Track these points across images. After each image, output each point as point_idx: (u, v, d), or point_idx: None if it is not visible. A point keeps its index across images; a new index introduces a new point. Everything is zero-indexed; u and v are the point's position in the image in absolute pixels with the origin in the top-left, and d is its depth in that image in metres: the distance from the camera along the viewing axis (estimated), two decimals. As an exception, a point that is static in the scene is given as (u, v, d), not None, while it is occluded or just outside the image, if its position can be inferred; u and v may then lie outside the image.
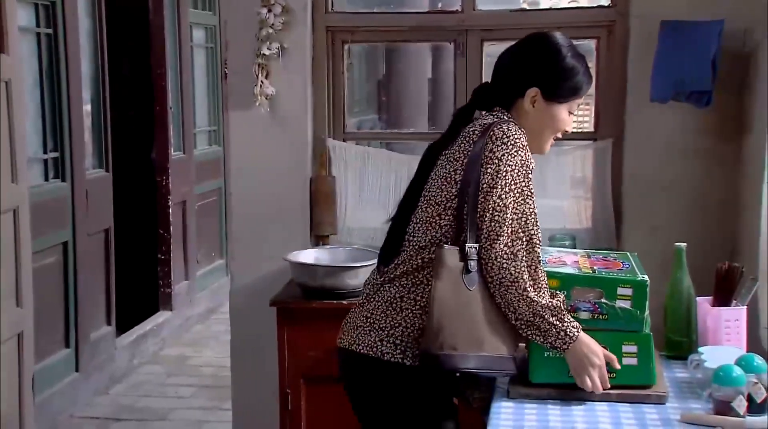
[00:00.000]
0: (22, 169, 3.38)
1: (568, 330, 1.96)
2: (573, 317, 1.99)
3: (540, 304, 1.95)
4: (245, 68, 3.24)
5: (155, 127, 5.48)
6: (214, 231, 6.34)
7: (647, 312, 2.02)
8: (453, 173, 2.04)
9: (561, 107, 2.13)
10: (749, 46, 2.98)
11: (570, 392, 1.99)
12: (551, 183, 3.38)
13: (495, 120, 2.07)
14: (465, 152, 2.03)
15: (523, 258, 1.97)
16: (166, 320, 5.48)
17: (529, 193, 2.01)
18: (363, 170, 3.42)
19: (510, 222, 1.97)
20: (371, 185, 3.44)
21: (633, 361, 1.99)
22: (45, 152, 4.19)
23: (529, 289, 1.96)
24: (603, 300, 1.99)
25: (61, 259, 4.29)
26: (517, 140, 2.01)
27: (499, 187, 1.97)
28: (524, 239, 1.98)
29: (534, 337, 1.99)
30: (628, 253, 2.20)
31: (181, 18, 5.64)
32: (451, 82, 3.45)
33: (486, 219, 1.96)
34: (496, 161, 1.98)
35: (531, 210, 2.00)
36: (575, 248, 3.16)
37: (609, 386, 1.98)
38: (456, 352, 1.94)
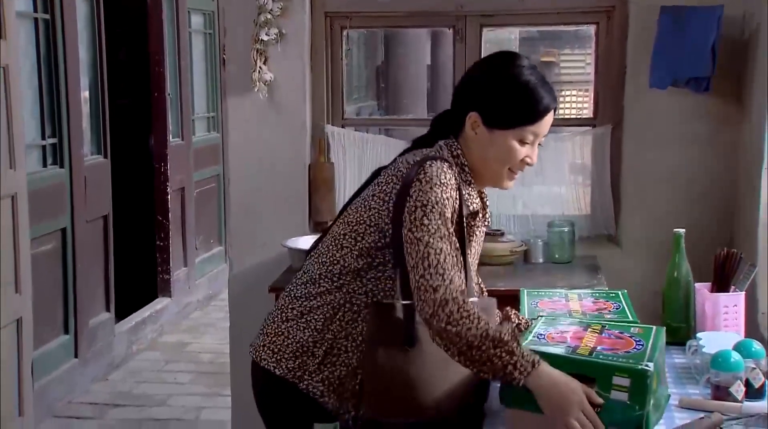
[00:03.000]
0: (20, 155, 3.37)
1: (520, 362, 1.67)
2: None
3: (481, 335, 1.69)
4: (243, 54, 3.23)
5: (153, 114, 5.47)
6: (213, 218, 6.34)
7: (648, 408, 1.63)
8: (373, 201, 1.88)
9: (507, 135, 1.86)
10: (748, 32, 2.97)
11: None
12: (549, 169, 3.38)
13: (424, 156, 1.86)
14: (390, 187, 1.86)
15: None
16: (165, 307, 5.48)
17: (447, 233, 1.76)
18: (361, 156, 3.42)
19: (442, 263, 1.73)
20: (369, 171, 3.42)
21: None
22: (43, 138, 4.18)
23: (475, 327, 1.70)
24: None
25: (60, 245, 4.29)
26: (434, 177, 1.79)
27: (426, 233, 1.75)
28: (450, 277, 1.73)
29: (485, 373, 1.71)
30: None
31: (179, 3, 5.62)
32: (450, 68, 3.44)
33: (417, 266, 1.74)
34: (418, 204, 1.77)
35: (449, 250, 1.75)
36: (574, 234, 3.17)
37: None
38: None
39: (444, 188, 1.80)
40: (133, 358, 4.97)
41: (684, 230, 2.32)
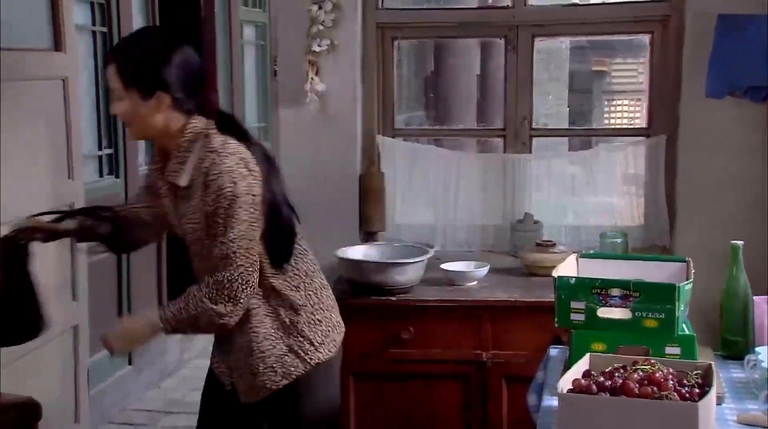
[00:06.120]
0: (78, 165, 3.44)
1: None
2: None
3: None
4: (295, 65, 3.26)
5: (206, 124, 5.54)
6: (263, 227, 6.38)
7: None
8: None
9: None
10: (809, 40, 2.91)
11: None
12: (601, 179, 3.35)
13: None
14: None
15: None
16: (216, 315, 5.53)
17: None
18: (412, 167, 3.42)
19: None
20: (420, 182, 3.44)
21: None
22: (100, 149, 4.27)
23: None
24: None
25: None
26: None
27: None
28: None
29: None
30: None
31: (232, 15, 5.69)
32: (500, 77, 3.43)
33: None
34: None
35: None
36: (627, 245, 3.13)
37: None
38: None
39: None
40: (185, 365, 5.03)
41: (742, 242, 2.28)
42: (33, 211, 2.38)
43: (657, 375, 1.72)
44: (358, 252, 3.09)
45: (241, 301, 2.07)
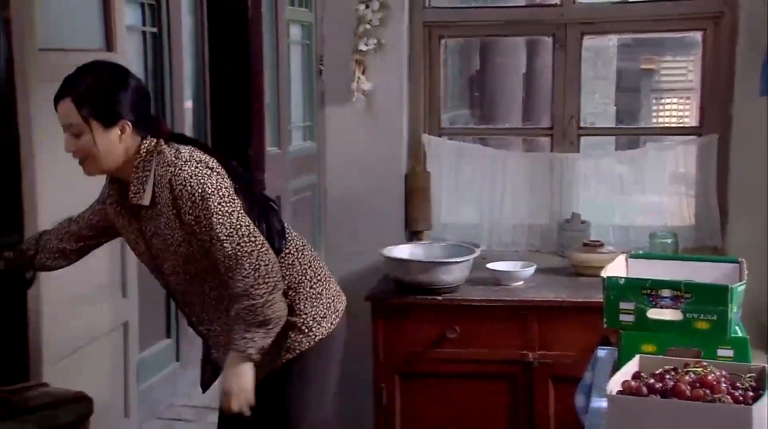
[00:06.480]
0: (128, 164, 3.49)
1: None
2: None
3: None
4: (342, 64, 3.27)
5: (252, 124, 5.57)
6: (308, 227, 6.42)
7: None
8: None
9: None
10: None
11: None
12: (649, 178, 3.31)
13: None
14: None
15: None
16: (262, 313, 5.57)
17: None
18: (458, 166, 3.41)
19: None
20: (466, 181, 3.43)
21: None
22: (148, 148, 4.32)
23: None
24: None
25: (163, 251, 4.42)
26: None
27: None
28: None
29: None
30: None
31: (279, 15, 5.74)
32: (546, 76, 3.40)
33: None
34: None
35: None
36: (677, 246, 3.08)
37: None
38: None
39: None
40: (231, 362, 5.06)
41: (797, 243, 2.24)
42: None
43: (709, 377, 1.69)
44: (404, 251, 3.09)
45: (278, 279, 2.08)
